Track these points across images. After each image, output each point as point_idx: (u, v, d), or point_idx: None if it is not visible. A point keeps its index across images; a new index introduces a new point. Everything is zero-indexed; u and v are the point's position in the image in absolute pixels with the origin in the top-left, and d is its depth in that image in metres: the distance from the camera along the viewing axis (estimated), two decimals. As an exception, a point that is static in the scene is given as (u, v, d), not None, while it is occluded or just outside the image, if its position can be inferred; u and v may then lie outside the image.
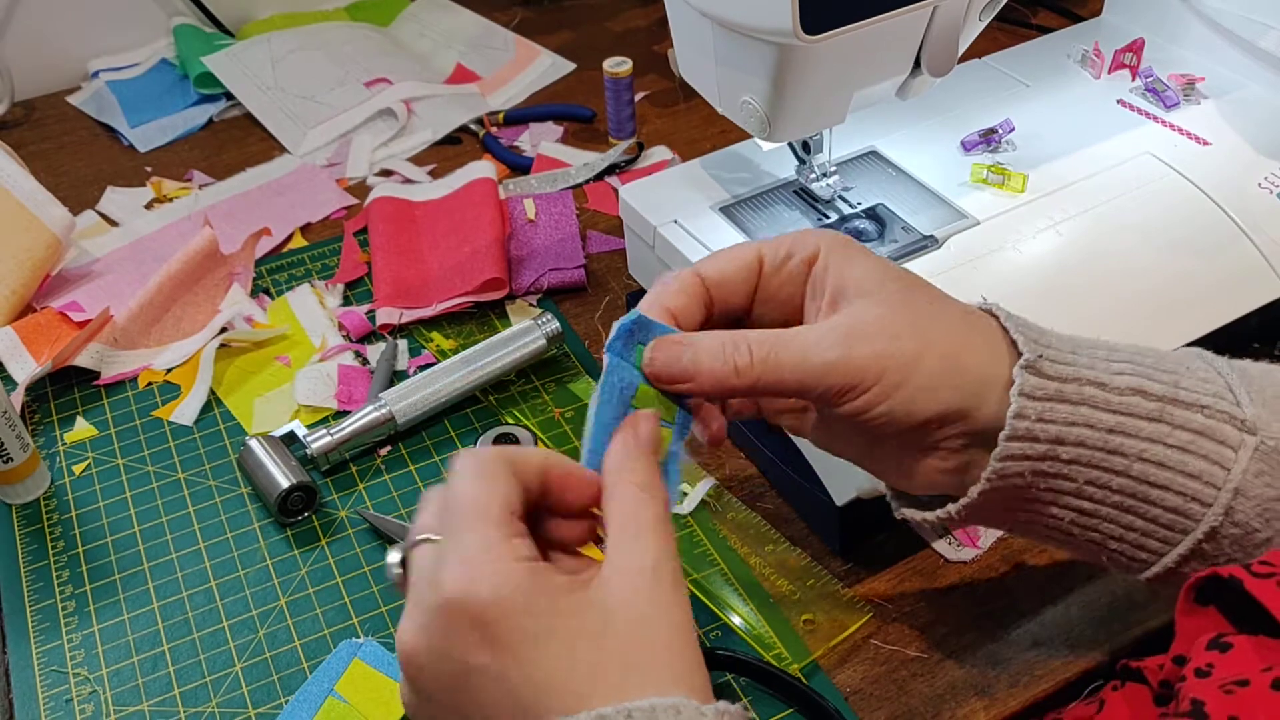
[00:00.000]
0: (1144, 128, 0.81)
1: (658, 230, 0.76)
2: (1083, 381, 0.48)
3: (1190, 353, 0.52)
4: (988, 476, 0.49)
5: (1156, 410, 0.48)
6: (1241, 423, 0.48)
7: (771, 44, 0.63)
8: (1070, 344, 0.50)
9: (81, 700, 0.65)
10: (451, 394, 0.79)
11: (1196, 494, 0.48)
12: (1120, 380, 0.49)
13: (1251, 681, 0.39)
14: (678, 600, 0.44)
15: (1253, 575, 0.43)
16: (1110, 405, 0.48)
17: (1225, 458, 0.48)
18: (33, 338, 0.87)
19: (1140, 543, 0.50)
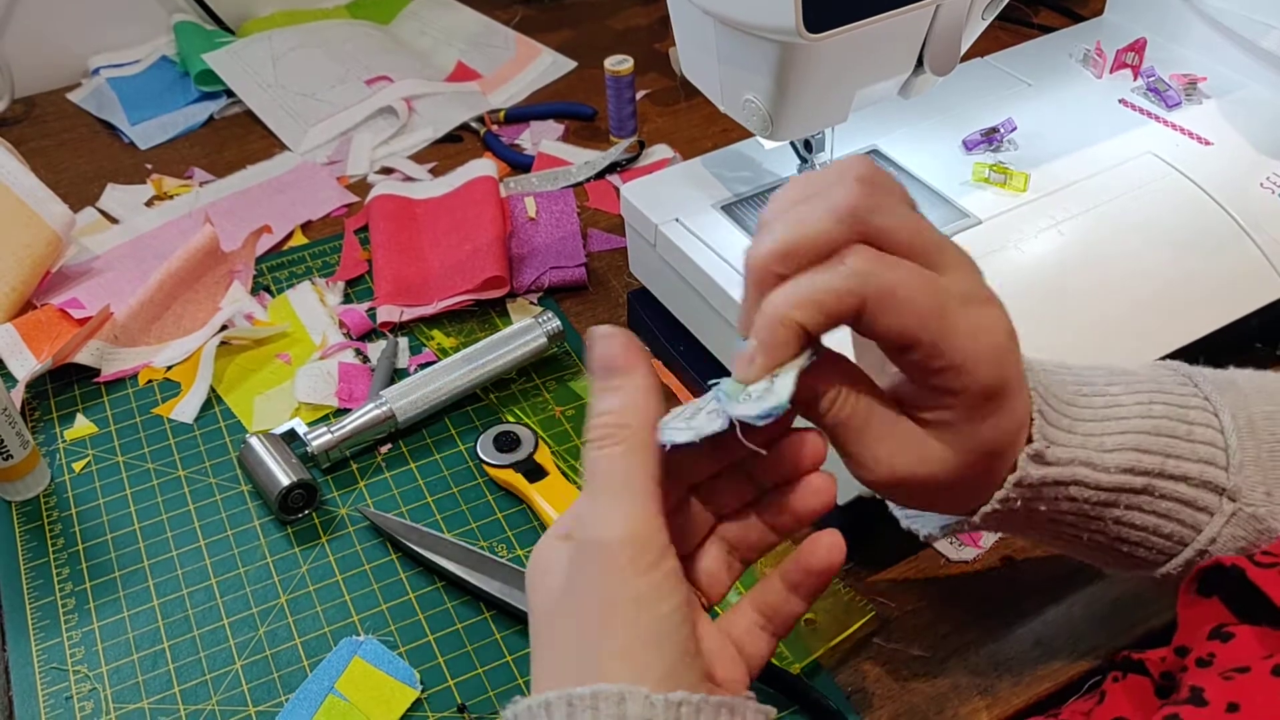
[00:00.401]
0: (1146, 127, 0.80)
1: (659, 228, 0.76)
2: (1076, 463, 0.48)
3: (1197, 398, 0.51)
4: (970, 522, 0.50)
5: (1143, 484, 0.49)
6: (1223, 490, 0.49)
7: (774, 42, 0.63)
8: (1069, 419, 0.48)
9: (81, 698, 0.65)
10: (452, 392, 0.79)
11: (1167, 550, 0.50)
12: (1111, 459, 0.48)
13: (1252, 668, 0.39)
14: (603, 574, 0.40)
15: (1255, 565, 0.43)
16: (1099, 484, 0.49)
17: (1200, 523, 0.50)
18: (33, 335, 0.87)
19: (1119, 561, 0.53)
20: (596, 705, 0.38)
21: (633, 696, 0.38)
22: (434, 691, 0.64)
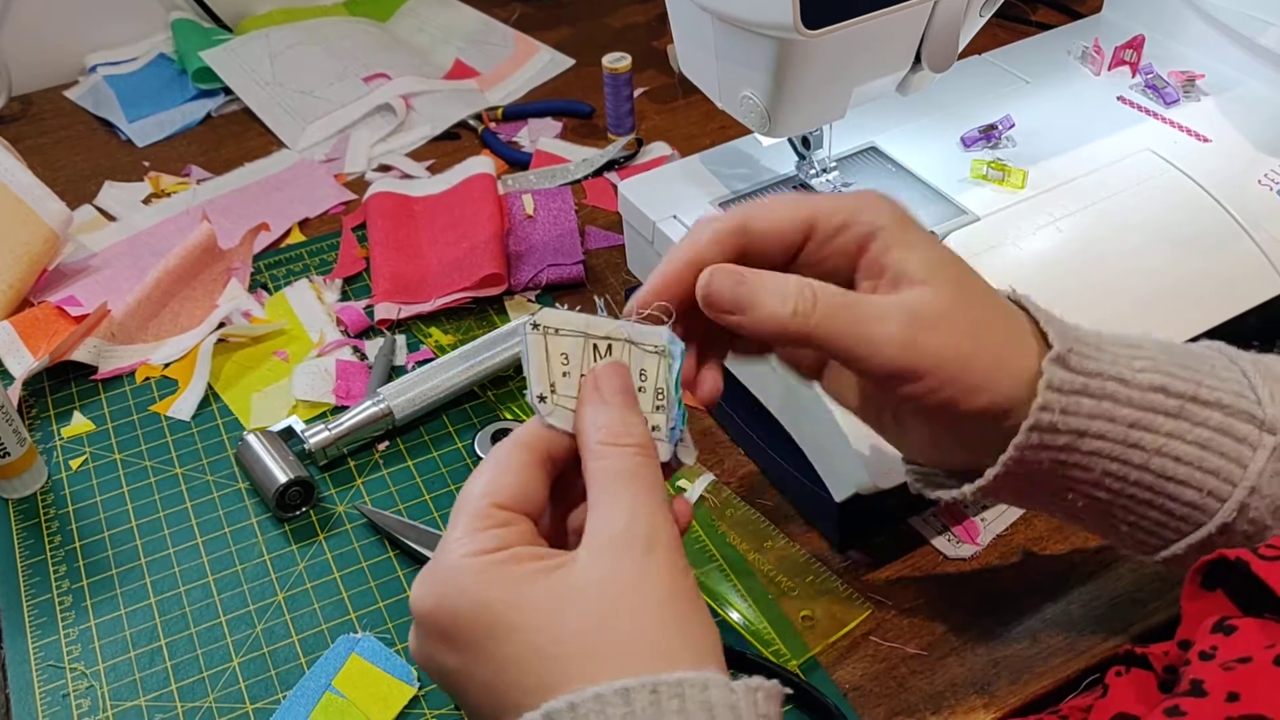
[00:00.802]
0: (1144, 124, 0.80)
1: (657, 225, 0.76)
2: (1106, 377, 0.48)
3: (1213, 348, 0.52)
4: (1004, 461, 0.49)
5: (1177, 407, 0.48)
6: (1261, 422, 0.49)
7: (772, 38, 0.63)
8: (1095, 339, 0.50)
9: (78, 695, 0.65)
10: (450, 389, 0.79)
11: (1213, 490, 0.48)
12: (1143, 377, 0.49)
13: (1253, 658, 0.39)
14: (653, 567, 0.42)
15: (1260, 558, 0.42)
16: (1132, 401, 0.48)
17: (1243, 456, 0.48)
18: (30, 332, 0.87)
19: (1154, 530, 0.51)
20: (682, 692, 0.38)
21: (715, 684, 0.39)
22: (431, 688, 0.64)
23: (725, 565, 0.69)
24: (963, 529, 0.70)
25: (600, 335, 0.48)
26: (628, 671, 0.39)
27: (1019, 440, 0.48)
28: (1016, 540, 0.69)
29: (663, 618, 0.41)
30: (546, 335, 0.47)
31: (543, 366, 0.47)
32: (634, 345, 0.48)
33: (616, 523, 0.43)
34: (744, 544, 0.70)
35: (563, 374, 0.47)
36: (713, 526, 0.71)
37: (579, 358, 0.47)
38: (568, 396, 0.47)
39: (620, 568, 0.42)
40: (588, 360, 0.47)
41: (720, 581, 0.68)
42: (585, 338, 0.47)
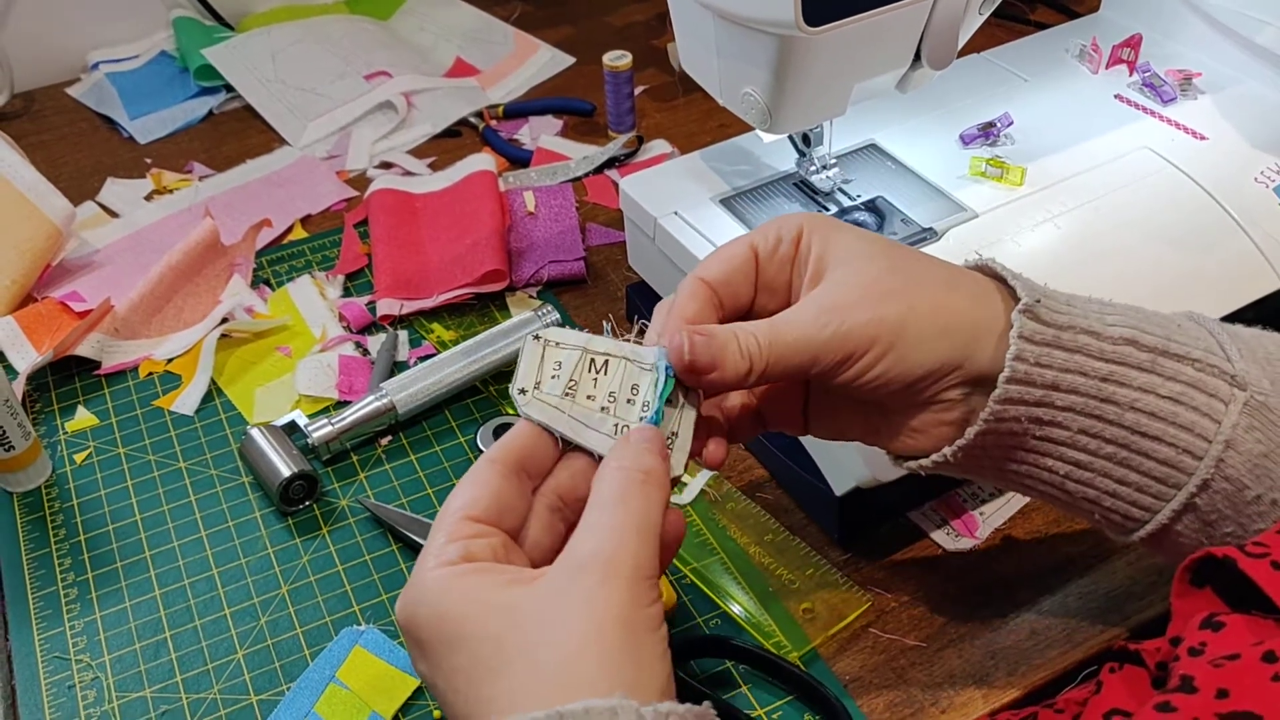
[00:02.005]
0: (1141, 122, 0.81)
1: (658, 222, 0.76)
2: (1078, 329, 0.49)
3: (1181, 313, 0.53)
4: (985, 418, 0.49)
5: (1149, 361, 0.49)
6: (1231, 377, 0.49)
7: (773, 35, 0.63)
8: (1065, 296, 0.51)
9: (84, 686, 0.65)
10: (452, 384, 0.80)
11: (1188, 445, 0.49)
12: (1114, 330, 0.49)
13: (1242, 655, 0.40)
14: (605, 593, 0.42)
15: (1246, 555, 0.43)
16: (1104, 354, 0.49)
17: (1216, 410, 0.49)
18: (34, 327, 0.87)
19: (1134, 498, 0.51)
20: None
21: (624, 710, 0.38)
22: (434, 680, 0.65)
23: (726, 558, 0.69)
24: (961, 523, 0.70)
25: (599, 350, 0.49)
26: (555, 697, 0.39)
27: (997, 394, 0.49)
28: (1014, 534, 0.70)
29: (596, 647, 0.41)
30: (546, 346, 0.49)
31: (532, 367, 0.49)
32: (630, 362, 0.49)
33: (586, 545, 0.43)
34: (745, 537, 0.70)
35: (551, 376, 0.49)
36: (714, 520, 0.71)
37: (572, 366, 0.49)
38: (550, 394, 0.49)
39: (570, 591, 0.42)
40: (581, 369, 0.49)
41: (721, 574, 0.68)
42: (584, 351, 0.49)
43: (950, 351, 0.49)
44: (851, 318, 0.48)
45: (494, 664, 0.41)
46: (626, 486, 0.45)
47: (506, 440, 0.49)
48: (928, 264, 0.51)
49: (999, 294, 0.51)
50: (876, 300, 0.49)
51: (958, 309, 0.50)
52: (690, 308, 0.51)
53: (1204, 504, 0.49)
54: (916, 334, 0.49)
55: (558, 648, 0.41)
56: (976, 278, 0.52)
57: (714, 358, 0.48)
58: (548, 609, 0.42)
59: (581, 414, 0.49)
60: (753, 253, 0.53)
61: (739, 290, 0.52)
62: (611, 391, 0.49)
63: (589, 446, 0.49)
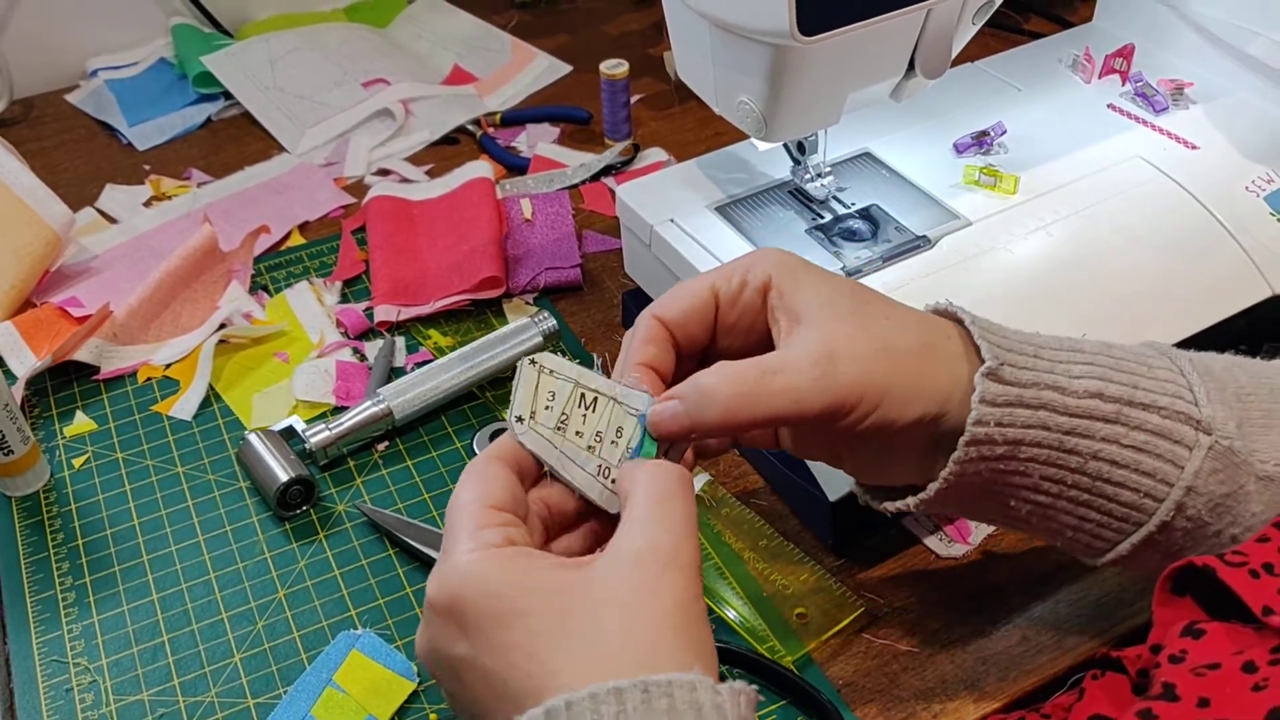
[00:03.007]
0: (1133, 131, 0.82)
1: (654, 229, 0.77)
2: (1042, 386, 0.50)
3: (1153, 350, 0.54)
4: (944, 476, 0.51)
5: (1114, 412, 0.50)
6: (1197, 423, 0.50)
7: (768, 45, 0.64)
8: (1033, 346, 0.52)
9: (81, 690, 0.65)
10: (449, 390, 0.80)
11: (1150, 490, 0.50)
12: (1079, 384, 0.50)
13: (1222, 664, 0.40)
14: (669, 580, 0.43)
15: (1226, 564, 0.44)
16: (1068, 409, 0.50)
17: (1179, 457, 0.50)
18: (32, 332, 0.87)
19: (1096, 533, 0.52)
20: (672, 693, 0.40)
21: (703, 685, 0.40)
22: (431, 684, 0.65)
23: (721, 563, 0.70)
24: (954, 528, 0.71)
25: (590, 386, 0.50)
26: (625, 672, 0.41)
27: (957, 455, 0.50)
28: (1006, 540, 0.71)
29: (667, 627, 0.43)
30: (541, 373, 0.50)
31: (529, 395, 0.50)
32: (617, 403, 0.51)
33: (640, 538, 0.45)
34: (739, 543, 0.71)
35: (545, 407, 0.50)
36: (709, 525, 0.72)
37: (565, 399, 0.50)
38: (544, 425, 0.50)
39: (635, 576, 0.43)
40: (573, 403, 0.50)
41: (716, 579, 0.69)
42: (576, 384, 0.50)
43: (930, 408, 0.50)
44: (843, 374, 0.49)
45: (558, 638, 0.42)
46: (672, 486, 0.47)
47: (505, 443, 0.50)
48: (902, 320, 0.52)
49: (966, 348, 0.52)
50: (863, 358, 0.49)
51: (935, 371, 0.51)
52: (646, 352, 0.52)
53: (1164, 540, 0.51)
54: (899, 393, 0.50)
55: (628, 625, 0.42)
56: (946, 329, 0.52)
57: (681, 426, 0.49)
58: (612, 592, 0.43)
59: (570, 450, 0.50)
60: (713, 296, 0.53)
61: (695, 332, 0.53)
62: (598, 431, 0.50)
63: (574, 483, 0.50)
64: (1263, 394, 0.52)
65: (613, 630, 0.42)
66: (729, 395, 0.48)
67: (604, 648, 0.42)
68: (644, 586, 0.43)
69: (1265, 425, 0.51)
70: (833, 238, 0.75)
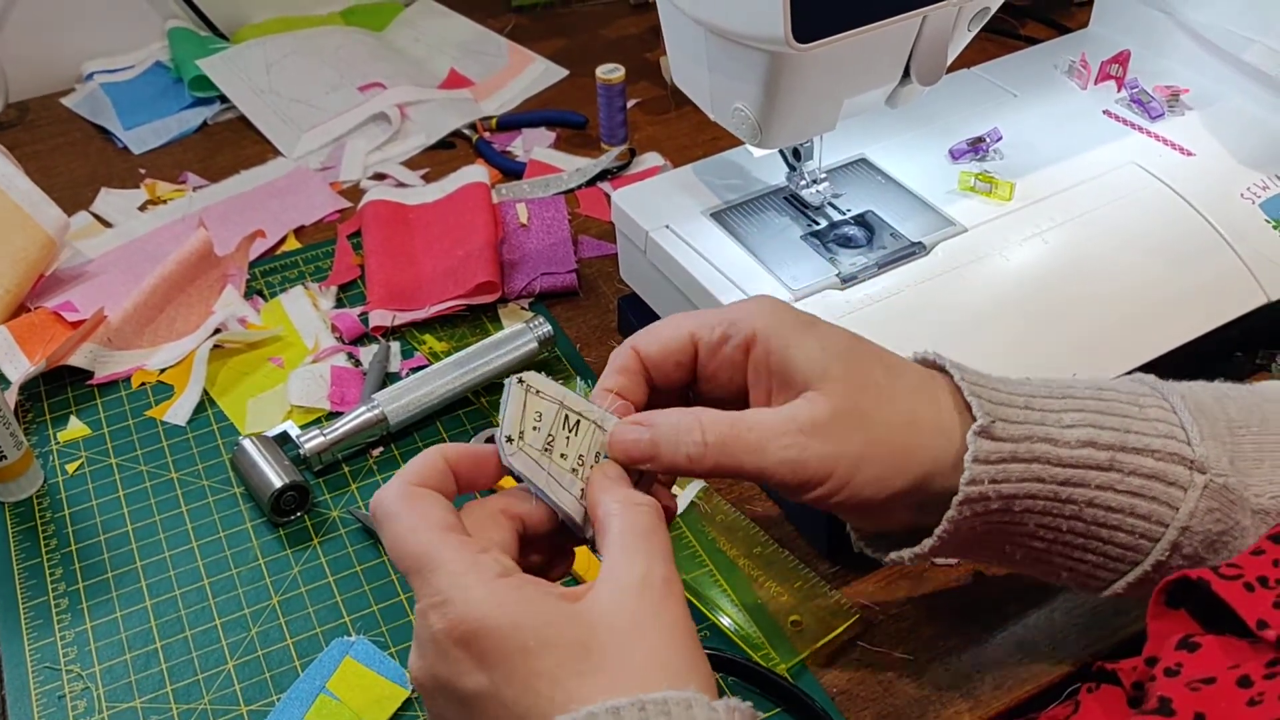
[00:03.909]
0: (1129, 138, 0.82)
1: (649, 235, 0.77)
2: (1035, 439, 0.50)
3: (1143, 387, 0.53)
4: (939, 534, 0.51)
5: (1107, 459, 0.50)
6: (1191, 463, 0.50)
7: (764, 51, 0.64)
8: (1023, 397, 0.51)
9: (74, 697, 0.65)
10: (444, 396, 0.80)
11: (1145, 532, 0.50)
12: (1071, 434, 0.50)
13: (1218, 679, 0.40)
14: (668, 606, 0.44)
15: (1220, 577, 0.44)
16: (1062, 460, 0.50)
17: (1174, 498, 0.50)
18: (27, 337, 0.87)
19: (1092, 573, 0.53)
20: (668, 710, 0.40)
21: (698, 702, 0.41)
22: (424, 691, 0.65)
23: (715, 570, 0.69)
24: (949, 536, 0.71)
25: (574, 409, 0.51)
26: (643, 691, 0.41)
27: (951, 515, 0.50)
28: (1002, 547, 0.70)
29: (674, 648, 0.43)
30: (529, 392, 0.50)
31: (518, 415, 0.50)
32: (598, 428, 0.51)
33: (636, 570, 0.45)
34: (734, 549, 0.71)
35: (533, 427, 0.50)
36: (703, 532, 0.72)
37: (550, 420, 0.50)
38: (532, 446, 0.50)
39: (640, 604, 0.44)
40: (558, 425, 0.50)
41: (710, 586, 0.69)
42: (561, 406, 0.50)
43: (913, 480, 0.50)
44: (814, 449, 0.48)
45: (583, 667, 0.43)
46: (651, 520, 0.47)
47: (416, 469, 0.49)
48: (895, 379, 0.51)
49: (955, 403, 0.51)
50: (841, 434, 0.49)
51: (921, 440, 0.50)
52: (616, 380, 0.52)
53: (1159, 576, 0.50)
54: (877, 469, 0.49)
55: (642, 652, 0.43)
56: (937, 388, 0.52)
57: (643, 453, 0.50)
58: (624, 619, 0.44)
59: (557, 472, 0.50)
60: (693, 344, 0.53)
61: (670, 373, 0.53)
62: (581, 454, 0.50)
63: (561, 506, 0.50)
64: (1254, 426, 0.52)
65: (629, 656, 0.43)
66: (699, 442, 0.49)
67: (623, 673, 0.42)
68: (649, 613, 0.44)
69: (1257, 459, 0.51)
70: (828, 244, 0.75)
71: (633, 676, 0.42)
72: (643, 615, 0.44)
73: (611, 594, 0.44)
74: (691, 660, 0.44)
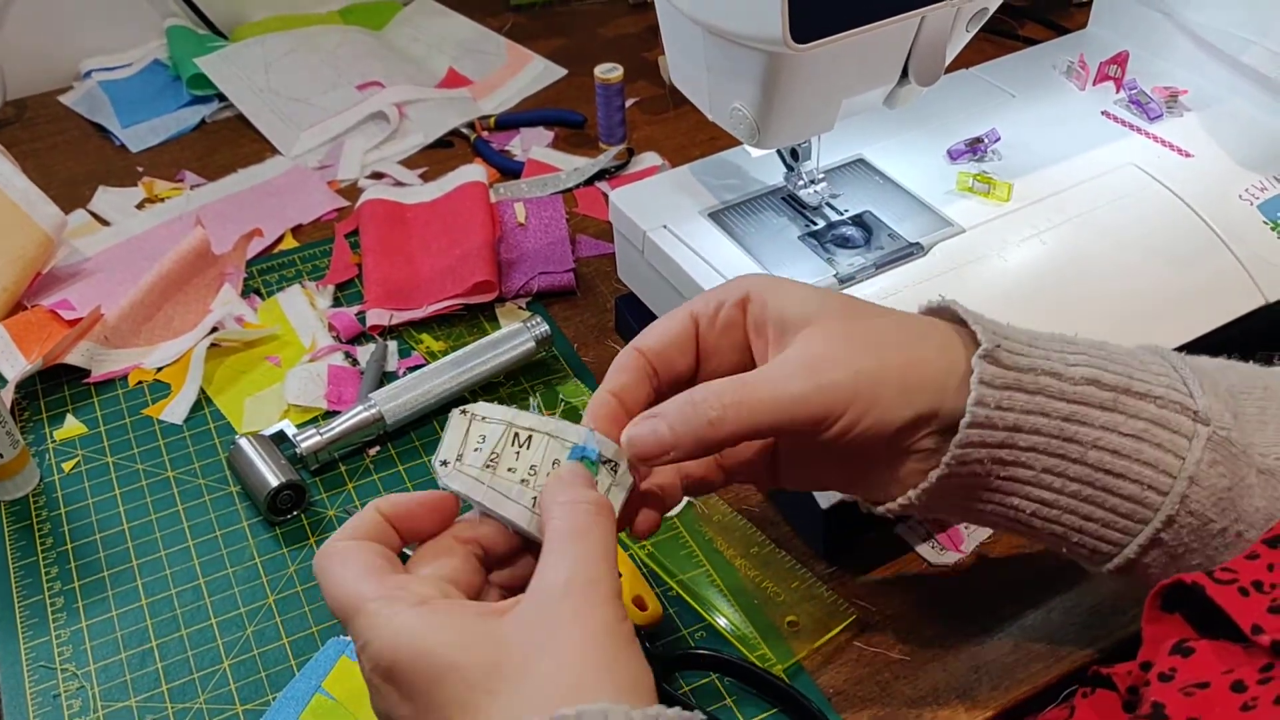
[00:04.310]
0: (1127, 139, 0.82)
1: (647, 235, 0.77)
2: (1039, 371, 0.50)
3: (1145, 348, 0.54)
4: (947, 462, 0.50)
5: (1110, 400, 0.50)
6: (1194, 413, 0.50)
7: (762, 52, 0.64)
8: (1027, 336, 0.52)
9: (69, 696, 0.65)
10: (440, 395, 0.80)
11: (1152, 482, 0.50)
12: (1075, 371, 0.50)
13: (1212, 684, 0.40)
14: (590, 611, 0.43)
15: (1215, 581, 0.43)
16: (1065, 395, 0.50)
17: (1179, 446, 0.50)
18: (23, 335, 0.87)
19: (1101, 534, 0.52)
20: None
21: (613, 713, 0.40)
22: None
23: (712, 570, 0.69)
24: (947, 536, 0.71)
25: (524, 426, 0.51)
26: (553, 706, 0.40)
27: (959, 439, 0.49)
28: (999, 548, 0.70)
29: (588, 657, 0.42)
30: (472, 420, 0.51)
31: (457, 440, 0.50)
32: (553, 438, 0.51)
33: (560, 573, 0.44)
34: (730, 549, 0.71)
35: (474, 449, 0.50)
36: (700, 532, 0.72)
37: (495, 439, 0.50)
38: (471, 466, 0.50)
39: (557, 613, 0.43)
40: (505, 443, 0.50)
41: (707, 586, 0.69)
42: (509, 425, 0.51)
43: (924, 403, 0.50)
44: (830, 376, 0.48)
45: (491, 687, 0.42)
46: (586, 520, 0.46)
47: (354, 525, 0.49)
48: (889, 317, 0.52)
49: (960, 339, 0.51)
50: (853, 358, 0.49)
51: (927, 360, 0.50)
52: (616, 380, 0.52)
53: (1170, 538, 0.50)
54: (893, 390, 0.49)
55: (556, 662, 0.42)
56: (938, 325, 0.52)
57: (662, 443, 0.49)
58: (538, 630, 0.43)
59: (502, 486, 0.50)
60: (693, 321, 0.53)
61: (675, 359, 0.53)
62: (533, 465, 0.50)
63: (507, 517, 0.50)
64: (1256, 392, 0.52)
65: (544, 671, 0.42)
66: (715, 406, 0.48)
67: (535, 690, 0.42)
68: (569, 620, 0.43)
69: (1261, 421, 0.51)
70: (826, 244, 0.75)
71: (542, 692, 0.41)
72: (560, 623, 0.43)
73: (532, 603, 0.44)
74: (617, 668, 0.42)
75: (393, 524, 0.49)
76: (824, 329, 0.50)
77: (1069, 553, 0.54)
